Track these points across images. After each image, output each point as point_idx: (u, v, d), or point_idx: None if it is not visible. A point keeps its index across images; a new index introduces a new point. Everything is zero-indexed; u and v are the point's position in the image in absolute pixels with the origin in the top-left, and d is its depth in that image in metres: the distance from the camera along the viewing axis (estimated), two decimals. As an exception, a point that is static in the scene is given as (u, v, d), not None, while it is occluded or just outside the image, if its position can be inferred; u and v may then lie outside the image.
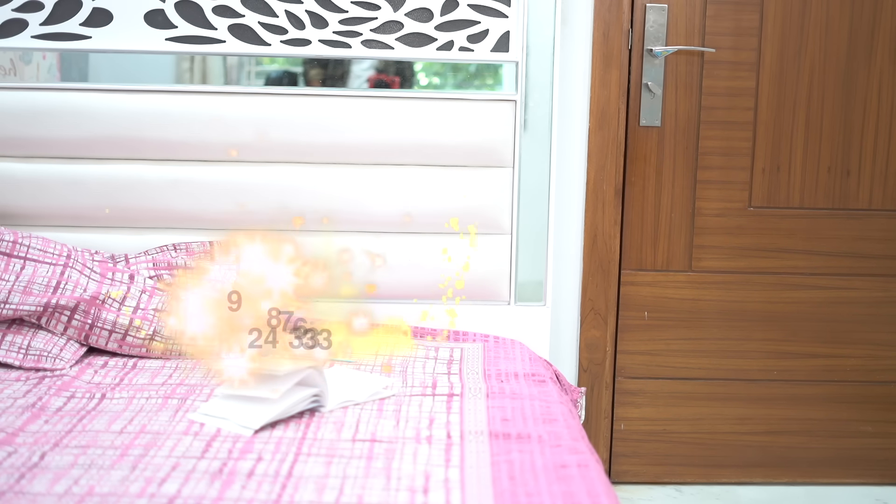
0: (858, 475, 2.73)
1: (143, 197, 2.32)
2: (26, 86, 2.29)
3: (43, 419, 1.74)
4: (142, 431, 1.68)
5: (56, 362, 2.03)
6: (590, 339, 2.65)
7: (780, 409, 2.70)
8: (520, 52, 2.35)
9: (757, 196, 2.63)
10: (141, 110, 2.29)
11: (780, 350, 2.68)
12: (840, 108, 2.60)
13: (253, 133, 2.31)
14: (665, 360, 2.68)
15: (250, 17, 2.30)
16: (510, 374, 2.06)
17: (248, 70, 2.42)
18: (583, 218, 2.59)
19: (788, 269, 2.65)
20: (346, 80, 2.38)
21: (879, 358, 2.69)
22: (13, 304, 2.04)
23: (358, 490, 1.47)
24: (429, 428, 1.72)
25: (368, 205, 2.35)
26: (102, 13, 2.28)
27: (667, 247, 2.64)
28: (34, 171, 2.30)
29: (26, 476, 1.49)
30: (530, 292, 2.42)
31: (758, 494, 2.68)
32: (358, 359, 2.12)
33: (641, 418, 2.70)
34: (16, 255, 2.11)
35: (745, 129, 2.60)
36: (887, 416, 2.71)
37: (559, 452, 1.61)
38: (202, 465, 1.54)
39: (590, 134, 2.56)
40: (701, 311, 2.66)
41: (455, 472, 1.53)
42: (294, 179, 2.33)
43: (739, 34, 2.56)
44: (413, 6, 2.32)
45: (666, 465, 2.72)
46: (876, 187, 2.63)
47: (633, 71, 2.56)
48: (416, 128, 2.33)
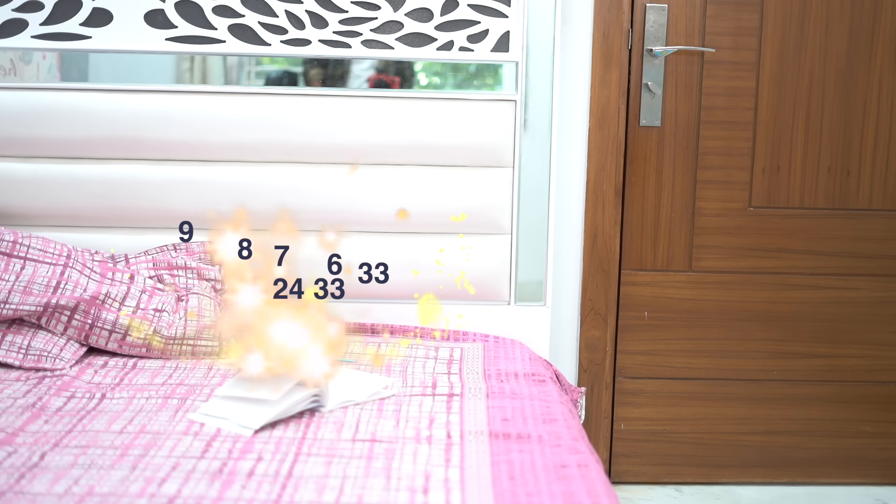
0: (858, 475, 2.73)
1: (143, 197, 2.32)
2: (26, 86, 2.29)
3: (43, 419, 1.74)
4: (142, 431, 1.68)
5: (56, 362, 2.03)
6: (590, 339, 2.65)
7: (780, 409, 2.70)
8: (520, 52, 2.35)
9: (757, 196, 2.63)
10: (141, 110, 2.29)
11: (780, 350, 2.68)
12: (840, 108, 2.60)
13: (253, 133, 2.31)
14: (665, 360, 2.68)
15: (250, 17, 2.30)
16: (510, 374, 2.06)
17: (248, 70, 2.42)
18: (583, 218, 2.59)
19: (788, 269, 2.65)
20: (346, 80, 2.38)
21: (879, 358, 2.69)
22: (13, 304, 2.04)
23: (358, 490, 1.47)
24: (429, 428, 1.72)
25: (368, 205, 2.35)
26: (102, 13, 2.28)
27: (667, 247, 2.64)
28: (34, 171, 2.30)
29: (26, 476, 1.49)
30: (530, 292, 2.42)
31: (758, 494, 2.68)
32: (357, 359, 2.12)
33: (641, 418, 2.70)
34: (16, 255, 2.11)
35: (745, 129, 2.60)
36: (887, 416, 2.71)
37: (559, 452, 1.61)
38: (202, 465, 1.54)
39: (590, 134, 2.56)
40: (701, 311, 2.66)
41: (455, 472, 1.53)
42: (294, 179, 2.33)
43: (739, 34, 2.56)
44: (413, 6, 2.32)
45: (666, 465, 2.72)
46: (876, 187, 2.63)
47: (633, 71, 2.56)
48: (416, 128, 2.33)
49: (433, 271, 2.37)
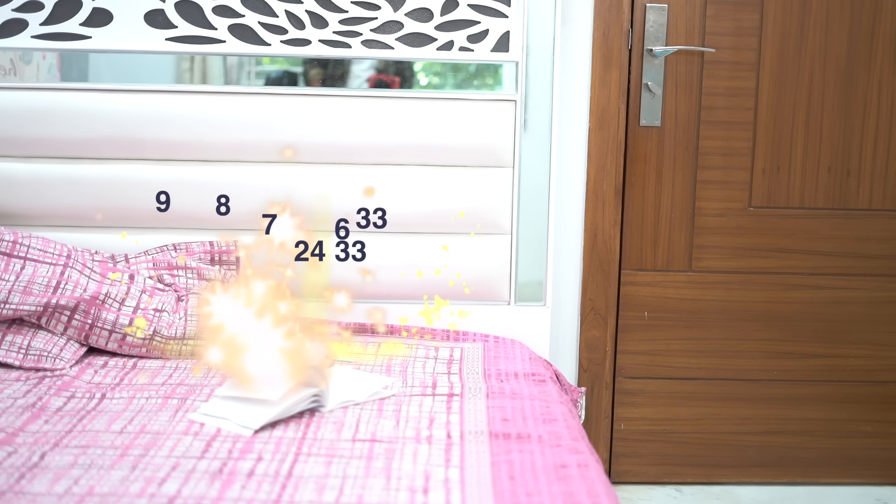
0: (858, 475, 2.73)
1: (143, 197, 2.32)
2: (26, 86, 2.29)
3: (43, 419, 1.74)
4: (142, 431, 1.68)
5: (56, 362, 2.03)
6: (590, 339, 2.65)
7: (780, 409, 2.70)
8: (520, 52, 2.35)
9: (757, 196, 2.63)
10: (141, 110, 2.29)
11: (780, 350, 2.68)
12: (840, 108, 2.60)
13: (253, 133, 2.31)
14: (665, 360, 2.68)
15: (250, 17, 2.30)
16: (510, 374, 2.06)
17: (248, 70, 2.42)
18: (583, 218, 2.59)
19: (788, 269, 2.65)
20: (346, 80, 2.38)
21: (879, 358, 2.69)
22: (13, 304, 2.04)
23: (358, 490, 1.47)
24: (429, 428, 1.72)
25: (368, 204, 2.35)
26: (102, 13, 2.28)
27: (667, 247, 2.64)
28: (34, 171, 2.30)
29: (26, 476, 1.49)
30: (530, 292, 2.42)
31: (758, 494, 2.68)
32: (356, 359, 2.12)
33: (641, 418, 2.70)
34: (16, 255, 2.11)
35: (745, 129, 2.60)
36: (887, 416, 2.71)
37: (559, 452, 1.61)
38: (202, 465, 1.55)
39: (590, 134, 2.56)
40: (701, 311, 2.66)
41: (455, 472, 1.53)
42: (294, 179, 2.33)
43: (739, 34, 2.56)
44: (413, 6, 2.32)
45: (666, 465, 2.72)
46: (876, 187, 2.63)
47: (633, 71, 2.56)
48: (416, 128, 2.33)
49: (433, 271, 2.37)
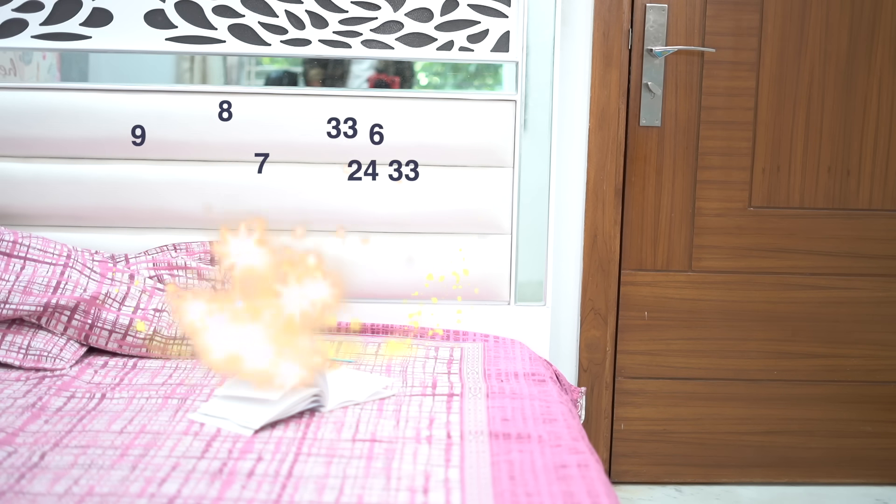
0: (858, 475, 2.73)
1: (143, 197, 2.32)
2: (26, 86, 2.29)
3: (43, 419, 1.74)
4: (142, 431, 1.68)
5: (56, 362, 2.03)
6: (590, 339, 2.65)
7: (780, 409, 2.70)
8: (520, 52, 2.35)
9: (757, 196, 2.63)
10: (141, 110, 2.29)
11: (780, 350, 2.68)
12: (840, 108, 2.60)
13: (253, 133, 2.31)
14: (665, 360, 2.68)
15: (250, 17, 2.30)
16: (510, 374, 2.06)
17: (248, 70, 2.42)
18: (583, 218, 2.59)
19: (788, 269, 2.65)
20: (346, 79, 2.38)
21: (879, 358, 2.69)
22: (13, 304, 2.04)
23: (358, 490, 1.47)
24: (429, 428, 1.72)
25: (368, 204, 2.35)
26: (102, 13, 2.28)
27: (667, 247, 2.64)
28: (34, 171, 2.30)
29: (26, 476, 1.49)
30: (530, 292, 2.42)
31: (758, 494, 2.68)
32: (356, 358, 2.12)
33: (641, 418, 2.70)
34: (16, 255, 2.11)
35: (745, 129, 2.60)
36: (887, 416, 2.71)
37: (559, 452, 1.61)
38: (202, 465, 1.55)
39: (590, 134, 2.56)
40: (701, 311, 2.66)
41: (455, 472, 1.53)
42: (294, 179, 2.33)
43: (739, 34, 2.56)
44: (413, 6, 2.32)
45: (666, 465, 2.72)
46: (876, 187, 2.63)
47: (633, 71, 2.56)
48: (416, 128, 2.33)
49: (433, 271, 2.37)
